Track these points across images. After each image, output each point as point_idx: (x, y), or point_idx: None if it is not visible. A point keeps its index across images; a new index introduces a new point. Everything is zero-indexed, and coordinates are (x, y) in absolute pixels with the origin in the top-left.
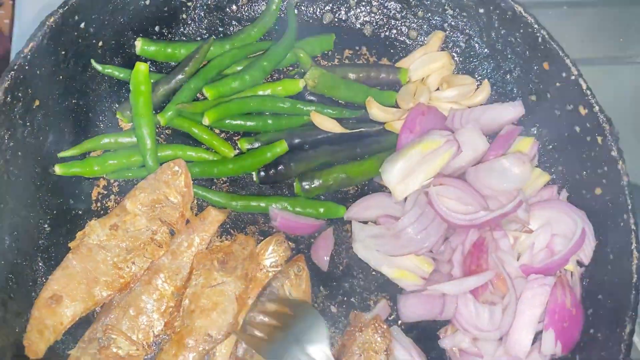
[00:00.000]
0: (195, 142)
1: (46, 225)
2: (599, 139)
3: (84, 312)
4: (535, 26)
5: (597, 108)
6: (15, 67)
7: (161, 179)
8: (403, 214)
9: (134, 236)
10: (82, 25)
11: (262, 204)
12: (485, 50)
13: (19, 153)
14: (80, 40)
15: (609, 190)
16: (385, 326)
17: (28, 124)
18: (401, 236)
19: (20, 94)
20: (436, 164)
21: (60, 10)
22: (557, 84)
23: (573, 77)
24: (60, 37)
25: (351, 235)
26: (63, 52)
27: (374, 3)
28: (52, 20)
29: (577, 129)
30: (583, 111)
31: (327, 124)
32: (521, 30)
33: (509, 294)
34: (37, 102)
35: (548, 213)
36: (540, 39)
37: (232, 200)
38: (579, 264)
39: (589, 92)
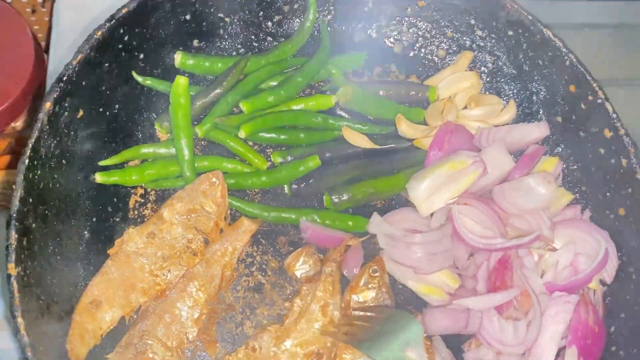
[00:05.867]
0: (230, 154)
1: (86, 232)
2: (624, 161)
3: (126, 317)
4: (564, 50)
5: (622, 131)
6: (64, 79)
7: (199, 189)
8: (429, 229)
9: (170, 244)
10: (126, 38)
11: (293, 216)
12: (513, 71)
13: (63, 161)
14: (123, 53)
15: (632, 211)
16: (429, 342)
17: (72, 133)
18: (411, 249)
19: (66, 104)
20: (462, 183)
21: (108, 24)
22: (583, 107)
23: (599, 101)
24: (105, 50)
25: (377, 243)
26: (107, 64)
27: (404, 22)
28: (99, 34)
29: (602, 150)
30: (608, 134)
31: (358, 139)
32: (549, 54)
33: (533, 310)
34: (81, 112)
35: (572, 232)
36: (568, 63)
37: (265, 211)
38: (602, 282)
39: (614, 115)
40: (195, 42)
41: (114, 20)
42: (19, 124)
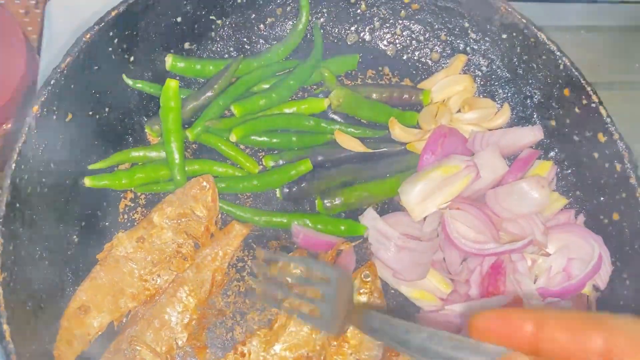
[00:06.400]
0: (221, 157)
1: (75, 237)
2: (618, 166)
3: (115, 322)
4: (558, 53)
5: (616, 136)
6: (53, 82)
7: (189, 193)
8: (422, 234)
9: (160, 249)
10: (116, 41)
11: (285, 220)
12: (507, 74)
13: (52, 165)
14: (113, 56)
15: (626, 216)
16: None
17: (61, 136)
18: (401, 252)
19: (55, 108)
20: (455, 188)
21: (97, 27)
22: (577, 110)
23: (594, 105)
24: (94, 53)
25: (369, 248)
26: (96, 67)
27: (398, 25)
28: (88, 36)
29: (596, 155)
30: (602, 138)
31: (350, 143)
32: (543, 57)
33: None
34: (69, 116)
35: (565, 237)
36: (562, 66)
37: (256, 216)
38: (595, 288)
39: (609, 119)
40: (187, 45)
41: (103, 23)
42: (10, 125)
